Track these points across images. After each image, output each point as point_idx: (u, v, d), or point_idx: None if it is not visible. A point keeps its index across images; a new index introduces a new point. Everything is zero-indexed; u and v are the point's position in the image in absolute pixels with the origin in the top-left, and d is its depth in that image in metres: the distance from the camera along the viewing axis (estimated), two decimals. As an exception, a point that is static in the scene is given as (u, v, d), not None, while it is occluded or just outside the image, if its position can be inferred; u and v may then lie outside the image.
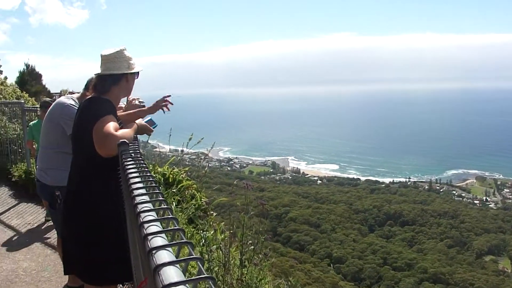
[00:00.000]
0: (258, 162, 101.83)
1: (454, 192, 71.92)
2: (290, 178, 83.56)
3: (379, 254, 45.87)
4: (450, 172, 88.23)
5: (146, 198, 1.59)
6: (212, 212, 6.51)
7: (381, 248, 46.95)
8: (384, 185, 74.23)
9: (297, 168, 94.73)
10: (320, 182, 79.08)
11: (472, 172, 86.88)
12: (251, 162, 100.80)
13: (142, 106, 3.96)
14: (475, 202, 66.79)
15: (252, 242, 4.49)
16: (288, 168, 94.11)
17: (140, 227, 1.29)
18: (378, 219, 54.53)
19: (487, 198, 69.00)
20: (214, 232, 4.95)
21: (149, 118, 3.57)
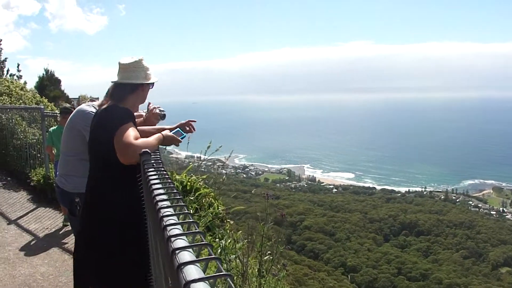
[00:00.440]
0: (274, 169, 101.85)
1: (471, 202, 71.20)
2: (306, 186, 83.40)
3: (394, 263, 45.59)
4: (466, 182, 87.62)
5: (171, 210, 1.61)
6: (229, 220, 6.53)
7: (396, 258, 46.65)
8: (400, 194, 74.03)
9: (312, 176, 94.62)
10: (336, 190, 78.91)
11: (489, 182, 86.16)
12: (266, 170, 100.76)
13: (163, 114, 3.99)
14: (492, 212, 65.99)
15: (270, 252, 4.49)
16: (304, 176, 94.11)
17: (167, 241, 1.30)
18: (393, 228, 54.18)
19: (504, 209, 67.97)
20: (231, 241, 4.95)
21: (177, 129, 3.57)
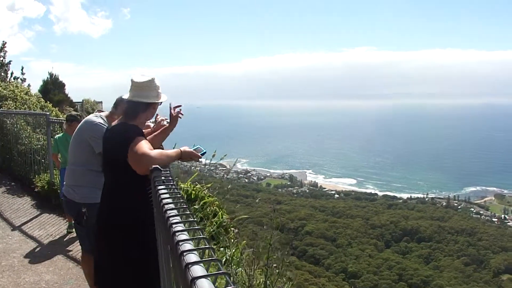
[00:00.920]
0: (276, 174, 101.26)
1: (472, 209, 70.95)
2: (308, 191, 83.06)
3: (395, 270, 45.45)
4: (468, 189, 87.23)
5: (182, 226, 1.69)
6: (233, 229, 6.57)
7: (397, 264, 46.53)
8: (401, 200, 73.66)
9: (314, 181, 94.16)
10: (337, 196, 78.51)
11: (491, 189, 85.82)
12: (268, 175, 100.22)
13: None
14: (493, 219, 65.73)
15: (276, 265, 4.53)
16: (306, 182, 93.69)
17: (180, 257, 1.38)
18: (394, 234, 53.99)
19: (506, 216, 67.65)
20: (236, 251, 4.99)
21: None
